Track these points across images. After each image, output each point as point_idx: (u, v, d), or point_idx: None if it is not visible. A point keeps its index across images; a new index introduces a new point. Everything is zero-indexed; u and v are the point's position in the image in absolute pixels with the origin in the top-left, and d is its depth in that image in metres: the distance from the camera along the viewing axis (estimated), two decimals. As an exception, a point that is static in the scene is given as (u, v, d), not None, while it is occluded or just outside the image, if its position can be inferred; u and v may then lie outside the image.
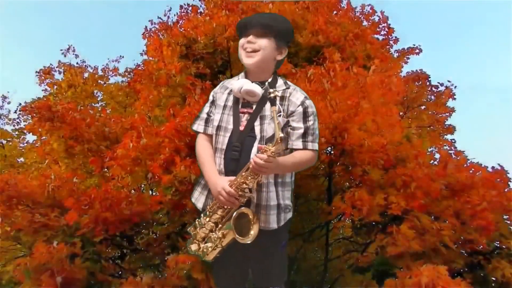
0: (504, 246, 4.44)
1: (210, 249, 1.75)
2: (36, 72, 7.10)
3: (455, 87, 6.42)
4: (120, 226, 3.88)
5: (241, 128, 1.79)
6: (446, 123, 6.48)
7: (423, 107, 6.37)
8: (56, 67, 7.01)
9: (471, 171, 4.55)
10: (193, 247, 1.79)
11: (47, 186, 4.03)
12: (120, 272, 4.38)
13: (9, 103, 8.59)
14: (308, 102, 1.83)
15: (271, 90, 1.75)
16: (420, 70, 6.52)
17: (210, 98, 1.95)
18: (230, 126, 1.81)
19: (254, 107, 1.81)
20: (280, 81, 1.87)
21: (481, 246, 4.20)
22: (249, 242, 1.70)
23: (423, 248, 3.84)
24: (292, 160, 1.78)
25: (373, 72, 3.92)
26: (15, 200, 4.00)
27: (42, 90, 7.29)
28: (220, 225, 1.75)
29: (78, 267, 3.47)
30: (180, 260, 3.45)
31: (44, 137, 4.80)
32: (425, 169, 4.15)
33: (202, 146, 1.89)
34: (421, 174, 4.04)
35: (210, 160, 1.83)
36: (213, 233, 1.75)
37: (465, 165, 4.65)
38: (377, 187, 4.19)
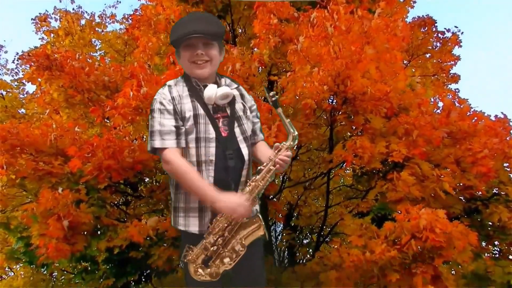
0: (502, 193, 4.50)
1: (227, 264, 1.72)
2: (32, 19, 6.93)
3: (462, 33, 6.25)
4: (123, 174, 3.92)
5: (224, 134, 1.76)
6: (450, 72, 6.36)
7: (428, 55, 6.23)
8: (52, 14, 6.82)
9: (474, 120, 4.53)
10: (203, 271, 1.72)
11: (49, 135, 4.04)
12: (125, 219, 4.49)
13: (6, 52, 8.45)
14: (252, 99, 1.95)
15: (272, 93, 1.72)
16: (426, 15, 6.32)
17: (168, 107, 1.74)
18: (212, 135, 1.74)
19: (227, 110, 1.81)
20: (227, 80, 1.91)
21: (480, 193, 4.26)
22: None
23: (422, 194, 3.90)
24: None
25: (378, 16, 3.78)
26: (18, 149, 4.02)
27: (39, 39, 7.17)
28: (230, 237, 1.72)
29: (84, 212, 3.54)
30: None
31: (43, 87, 4.74)
32: (428, 117, 4.12)
33: (183, 163, 1.70)
34: (424, 122, 4.02)
35: (200, 176, 1.71)
36: (227, 246, 1.72)
37: (468, 114, 4.61)
38: (379, 135, 4.18)
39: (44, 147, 4.03)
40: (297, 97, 4.00)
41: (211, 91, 1.76)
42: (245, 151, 1.78)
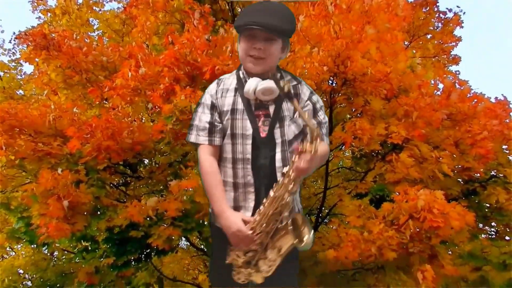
0: (500, 175, 4.53)
1: (265, 272, 1.56)
2: (29, -3, 6.83)
3: (464, 13, 6.18)
4: (122, 155, 3.92)
5: (263, 134, 1.61)
6: (451, 53, 6.31)
7: (429, 36, 6.16)
8: (49, -9, 6.70)
9: (474, 102, 4.52)
10: (241, 276, 1.59)
11: (47, 116, 4.02)
12: (125, 199, 4.52)
13: (2, 31, 8.35)
14: (316, 97, 1.71)
15: (283, 82, 1.51)
16: (428, -6, 6.22)
17: (207, 102, 1.67)
18: (249, 132, 1.60)
19: (270, 108, 1.63)
20: (287, 75, 1.71)
21: (478, 174, 4.29)
22: (307, 244, 1.51)
23: (421, 175, 3.91)
24: (319, 155, 1.55)
25: (380, -6, 3.73)
26: (17, 130, 4.01)
27: (36, 18, 7.08)
28: (268, 243, 1.56)
29: (84, 193, 3.56)
30: (183, 186, 3.53)
31: (41, 68, 4.70)
32: (428, 99, 4.10)
33: (208, 163, 1.63)
34: (424, 104, 4.01)
35: (219, 183, 1.61)
36: (265, 253, 1.56)
37: (468, 96, 4.60)
38: (378, 117, 4.17)
39: (43, 128, 4.01)
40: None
41: (251, 85, 1.60)
42: (278, 156, 1.61)
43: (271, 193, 1.52)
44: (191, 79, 3.94)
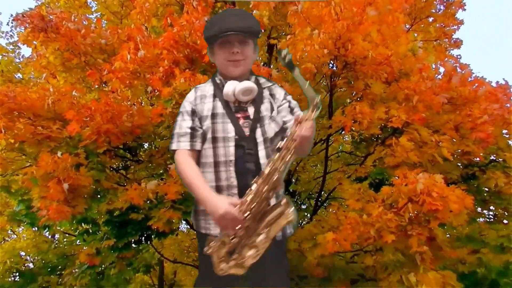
0: (500, 159, 4.53)
1: (252, 257, 1.51)
2: (27, -22, 6.71)
3: (466, -5, 6.08)
4: (122, 138, 3.91)
5: (246, 134, 1.66)
6: (453, 37, 6.25)
7: (431, 19, 6.09)
8: (46, -28, 6.58)
9: (475, 86, 4.49)
10: (225, 265, 1.53)
11: (46, 99, 4.00)
12: (125, 183, 4.54)
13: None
14: (290, 97, 1.79)
15: (285, 52, 1.56)
16: (431, -25, 6.11)
17: (187, 109, 1.72)
18: (231, 134, 1.65)
19: (249, 110, 1.70)
20: (261, 78, 1.82)
21: (478, 159, 4.29)
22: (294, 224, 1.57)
23: (420, 159, 3.92)
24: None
25: (381, -25, 3.67)
26: (16, 113, 4.00)
27: (34, 0, 6.97)
28: (255, 225, 1.52)
29: (84, 176, 3.56)
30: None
31: (39, 50, 4.66)
32: (429, 82, 4.08)
33: (188, 163, 1.65)
34: (424, 88, 3.99)
35: (202, 178, 1.62)
36: (252, 237, 1.52)
37: (469, 79, 4.57)
38: (378, 101, 4.16)
39: (42, 111, 3.99)
40: (297, 62, 3.94)
41: (230, 87, 1.67)
42: (261, 153, 1.66)
43: (266, 170, 1.52)
44: (191, 62, 3.91)
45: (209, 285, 1.70)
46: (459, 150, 4.20)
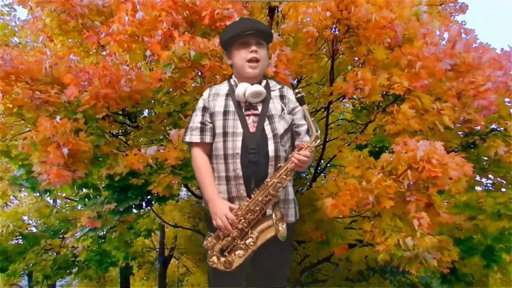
0: (501, 128, 4.51)
1: (238, 257, 1.76)
2: None
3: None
4: (121, 103, 3.87)
5: (252, 130, 1.84)
6: (459, 1, 6.08)
7: (436, -17, 5.92)
8: None
9: (479, 53, 4.42)
10: (217, 259, 1.78)
11: (44, 63, 3.93)
12: (125, 149, 4.54)
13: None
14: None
15: (298, 90, 1.79)
16: None
17: (200, 105, 1.95)
18: (239, 130, 1.83)
19: (259, 108, 1.88)
20: (272, 81, 2.00)
21: (479, 127, 4.27)
22: (283, 237, 1.75)
23: (421, 127, 3.90)
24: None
25: None
26: (13, 77, 3.94)
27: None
28: (247, 230, 1.76)
29: (83, 141, 3.55)
30: (182, 135, 3.51)
31: (35, 12, 4.54)
32: (433, 48, 4.00)
33: (201, 161, 1.88)
34: (428, 54, 3.91)
35: (210, 175, 1.86)
36: (243, 239, 1.75)
37: (474, 45, 4.48)
38: (381, 67, 4.09)
39: (39, 75, 3.93)
40: (299, 25, 3.85)
41: (241, 89, 1.86)
42: (271, 147, 1.82)
43: (265, 182, 1.75)
44: (190, 24, 3.82)
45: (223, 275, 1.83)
46: (461, 118, 4.17)
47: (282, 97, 1.95)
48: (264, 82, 1.95)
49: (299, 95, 1.78)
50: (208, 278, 1.95)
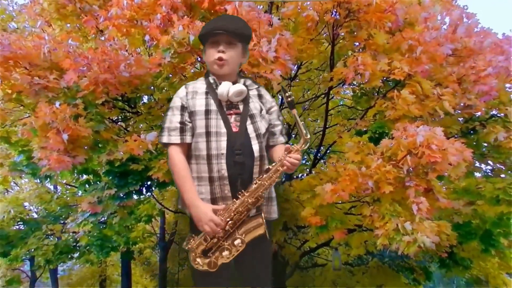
0: (501, 114, 4.50)
1: (225, 257, 1.74)
2: None
3: None
4: (120, 89, 3.85)
5: (235, 130, 1.80)
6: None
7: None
8: None
9: (481, 37, 4.39)
10: (201, 260, 1.76)
11: (42, 48, 3.90)
12: (125, 136, 4.53)
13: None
14: (272, 98, 2.02)
15: (289, 94, 1.77)
16: None
17: (177, 104, 1.85)
18: (223, 130, 1.79)
19: (240, 107, 1.85)
20: (248, 81, 1.97)
21: (479, 113, 4.26)
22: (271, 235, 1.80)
23: (421, 112, 3.89)
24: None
25: None
26: (11, 62, 3.91)
27: None
28: (232, 231, 1.75)
29: (83, 126, 3.55)
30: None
31: (32, -4, 4.49)
32: (434, 32, 3.97)
33: (179, 163, 1.81)
34: (429, 38, 3.88)
35: (189, 178, 1.79)
36: (228, 240, 1.74)
37: (475, 30, 4.45)
38: (381, 52, 4.06)
39: (38, 60, 3.90)
40: (299, 9, 3.81)
41: (224, 88, 1.82)
42: (256, 147, 1.80)
43: (254, 184, 1.74)
44: (189, 8, 3.79)
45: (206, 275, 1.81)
46: (461, 104, 4.16)
47: (259, 96, 1.94)
48: (242, 81, 1.93)
49: (289, 98, 1.76)
50: (192, 278, 1.92)
